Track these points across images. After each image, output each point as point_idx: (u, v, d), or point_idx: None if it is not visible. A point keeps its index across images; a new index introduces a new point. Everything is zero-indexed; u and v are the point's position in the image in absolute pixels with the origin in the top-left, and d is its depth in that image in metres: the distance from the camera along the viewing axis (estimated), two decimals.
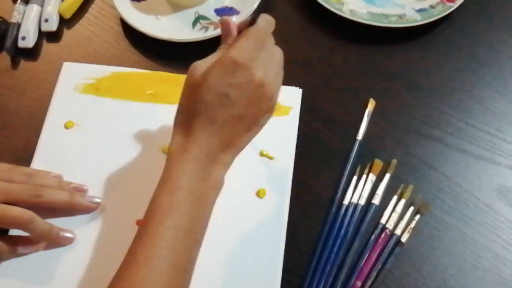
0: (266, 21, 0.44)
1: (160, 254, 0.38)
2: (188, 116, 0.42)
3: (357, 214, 0.51)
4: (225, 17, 0.45)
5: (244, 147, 0.44)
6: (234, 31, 0.45)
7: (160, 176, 0.52)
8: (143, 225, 0.40)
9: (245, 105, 0.41)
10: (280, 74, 0.45)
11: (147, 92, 0.58)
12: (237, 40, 0.43)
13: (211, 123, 0.41)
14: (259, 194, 0.52)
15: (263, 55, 0.42)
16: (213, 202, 0.42)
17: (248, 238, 0.50)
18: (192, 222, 0.40)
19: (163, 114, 0.56)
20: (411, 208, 0.52)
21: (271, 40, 0.45)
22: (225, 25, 0.45)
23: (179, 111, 0.43)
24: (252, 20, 0.43)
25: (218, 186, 0.43)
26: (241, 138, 0.43)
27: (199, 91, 0.41)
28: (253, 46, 0.42)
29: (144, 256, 0.39)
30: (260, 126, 0.44)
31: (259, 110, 0.43)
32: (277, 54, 0.45)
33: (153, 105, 0.57)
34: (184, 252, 0.40)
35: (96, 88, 0.58)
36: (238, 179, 0.52)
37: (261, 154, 0.54)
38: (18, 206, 0.45)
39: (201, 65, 0.42)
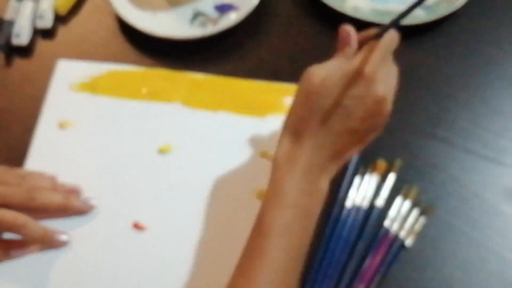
0: (392, 37, 0.43)
1: (275, 277, 0.38)
2: (300, 122, 0.42)
3: (360, 215, 0.50)
4: (346, 26, 0.44)
5: (349, 158, 0.43)
6: (355, 43, 0.44)
7: (155, 177, 0.52)
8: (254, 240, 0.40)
9: (362, 119, 0.41)
10: (394, 91, 0.44)
11: (144, 90, 0.57)
12: (362, 52, 0.42)
13: (325, 133, 0.41)
14: (260, 195, 0.51)
15: (385, 70, 0.42)
16: (318, 214, 0.42)
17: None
18: (302, 240, 0.41)
19: (161, 113, 0.56)
20: (415, 210, 0.51)
21: (391, 57, 0.44)
22: (344, 34, 0.44)
23: (290, 116, 0.43)
24: (377, 34, 0.42)
25: (323, 196, 0.42)
26: (349, 150, 0.42)
27: (315, 98, 0.41)
28: (379, 60, 0.41)
29: (260, 280, 0.38)
30: (369, 140, 0.43)
31: (372, 126, 0.42)
32: (395, 71, 0.44)
33: (149, 104, 0.56)
34: (294, 272, 0.40)
35: (91, 86, 0.57)
36: (239, 180, 0.52)
37: (262, 155, 0.53)
38: (11, 209, 0.44)
39: (319, 71, 0.41)
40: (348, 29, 0.44)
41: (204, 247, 0.49)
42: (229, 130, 0.54)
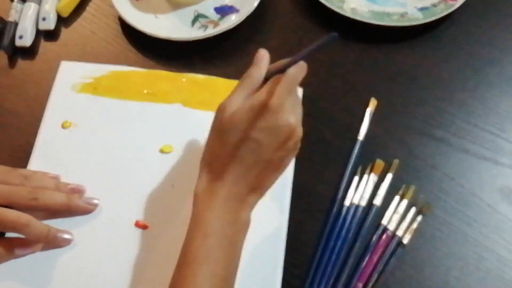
0: (299, 68, 0.44)
1: None
2: (215, 157, 0.43)
3: (358, 215, 0.51)
4: (263, 50, 0.45)
5: (270, 187, 0.44)
6: (264, 66, 0.44)
7: (157, 177, 0.52)
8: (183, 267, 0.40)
9: (274, 149, 0.42)
10: (301, 119, 0.45)
11: (145, 91, 0.57)
12: (269, 84, 0.43)
13: (240, 167, 0.42)
14: None
15: (292, 101, 0.43)
16: (242, 244, 0.43)
17: (248, 239, 0.49)
18: (227, 267, 0.41)
19: (162, 113, 0.56)
20: (413, 209, 0.51)
21: (297, 88, 0.45)
22: (259, 55, 0.45)
23: (206, 152, 0.44)
24: (283, 66, 0.43)
25: (246, 227, 0.43)
26: (268, 179, 0.43)
27: (228, 134, 0.42)
28: (285, 92, 0.42)
29: None
30: (286, 166, 0.44)
31: (286, 152, 0.43)
32: (299, 100, 0.45)
33: (151, 104, 0.57)
34: None
35: (94, 87, 0.58)
36: None
37: None
38: (15, 209, 0.45)
39: (230, 106, 0.42)
40: (264, 55, 0.44)
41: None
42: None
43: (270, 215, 0.50)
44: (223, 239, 0.41)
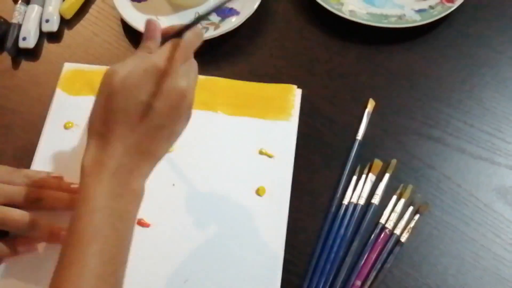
0: (195, 34, 0.43)
1: (87, 283, 0.36)
2: (104, 124, 0.40)
3: (357, 214, 0.52)
4: (151, 19, 0.44)
5: (162, 156, 0.42)
6: (158, 36, 0.43)
7: (158, 175, 0.52)
8: (65, 243, 0.38)
9: (166, 114, 0.40)
10: (195, 85, 0.44)
11: None
12: (163, 47, 0.41)
13: (131, 133, 0.39)
14: (259, 192, 0.52)
15: (185, 67, 0.42)
16: (135, 216, 0.41)
17: (247, 237, 0.50)
18: (117, 243, 0.39)
19: None
20: (411, 208, 0.52)
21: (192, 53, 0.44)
22: (150, 26, 0.43)
23: (93, 120, 0.41)
24: (180, 31, 0.42)
25: (138, 197, 0.41)
26: (160, 147, 0.42)
27: (117, 99, 0.39)
28: (180, 58, 0.41)
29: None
30: (178, 134, 0.43)
31: (178, 119, 0.42)
32: (195, 66, 0.44)
33: None
34: (111, 276, 0.38)
35: (96, 89, 0.58)
36: (238, 177, 0.53)
37: (261, 153, 0.54)
38: (19, 208, 0.45)
39: (120, 70, 0.40)
40: (154, 23, 0.43)
41: (206, 243, 0.50)
42: (229, 130, 0.56)
43: (270, 214, 0.51)
44: (112, 214, 0.38)
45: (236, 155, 0.54)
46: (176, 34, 0.43)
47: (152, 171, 0.42)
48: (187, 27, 0.42)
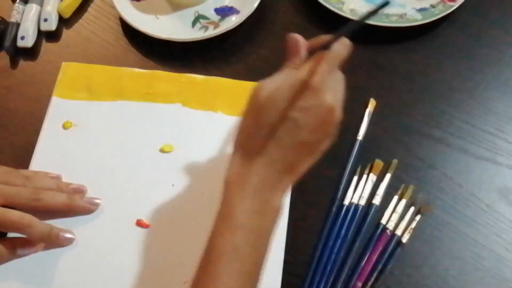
0: (343, 45, 0.42)
1: None
2: (249, 139, 0.40)
3: (358, 214, 0.51)
4: (294, 34, 0.43)
5: (303, 172, 0.41)
6: (303, 52, 0.42)
7: (157, 176, 0.53)
8: (204, 264, 0.39)
9: (312, 130, 0.39)
10: (342, 99, 0.43)
11: (146, 92, 0.58)
12: (310, 62, 0.41)
13: (276, 149, 0.39)
14: None
15: (333, 80, 0.41)
16: (273, 233, 0.40)
17: None
18: (255, 262, 0.39)
19: (162, 113, 0.56)
20: (412, 209, 0.52)
21: (339, 65, 0.43)
22: (293, 43, 0.43)
23: (239, 134, 0.41)
24: (326, 43, 0.41)
25: (277, 215, 0.41)
26: (303, 163, 0.41)
27: (264, 113, 0.39)
28: (327, 70, 0.40)
29: None
30: (322, 151, 0.42)
31: (324, 136, 0.41)
32: (342, 79, 0.43)
33: (152, 104, 0.57)
34: None
35: (95, 88, 0.58)
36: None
37: None
38: (17, 209, 0.45)
39: (267, 85, 0.40)
40: (297, 38, 0.43)
41: (205, 243, 0.49)
42: (229, 129, 0.55)
43: None
44: (253, 232, 0.38)
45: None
46: (323, 46, 0.41)
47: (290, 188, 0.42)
48: (335, 38, 0.41)
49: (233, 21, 0.61)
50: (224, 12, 0.63)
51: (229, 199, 0.39)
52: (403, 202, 0.52)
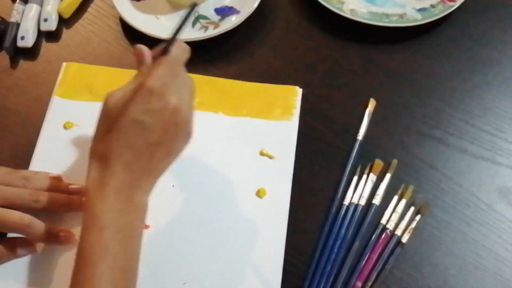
0: (181, 50, 0.44)
1: None
2: (102, 145, 0.42)
3: (358, 214, 0.51)
4: (139, 46, 0.45)
5: (163, 172, 0.43)
6: (148, 59, 0.44)
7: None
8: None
9: (161, 130, 0.41)
10: (193, 101, 0.44)
11: None
12: (151, 68, 0.43)
13: (128, 151, 0.41)
14: (259, 193, 0.52)
15: (176, 82, 0.42)
16: (141, 230, 0.42)
17: (248, 238, 0.50)
18: (126, 258, 0.40)
19: None
20: (412, 208, 0.52)
21: (183, 68, 0.45)
22: (138, 53, 0.45)
23: (94, 141, 0.43)
24: (164, 49, 0.44)
25: (142, 212, 0.42)
26: (161, 163, 0.43)
27: (114, 120, 0.41)
28: (167, 73, 0.42)
29: None
30: (179, 151, 0.44)
31: (175, 135, 0.43)
32: (189, 82, 0.45)
33: None
34: None
35: (95, 88, 0.58)
36: (238, 179, 0.53)
37: (261, 154, 0.54)
38: (16, 210, 0.45)
39: (116, 94, 0.42)
40: (141, 47, 0.45)
41: (206, 245, 0.50)
42: (230, 130, 0.55)
43: (270, 216, 0.51)
44: (119, 231, 0.40)
45: (237, 156, 0.54)
46: (162, 52, 0.44)
47: (154, 187, 0.43)
48: (169, 44, 0.43)
49: (233, 21, 0.61)
50: (224, 12, 0.63)
51: (91, 203, 0.40)
52: (403, 202, 0.52)
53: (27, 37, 0.61)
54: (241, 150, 0.54)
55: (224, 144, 0.55)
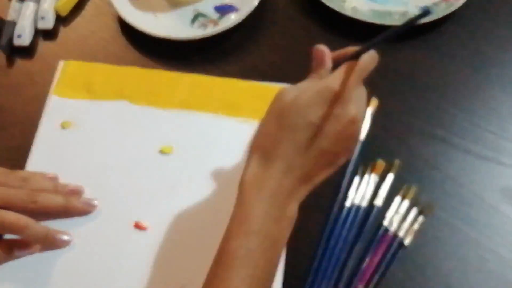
0: (371, 58, 0.42)
1: None
2: (271, 141, 0.40)
3: (359, 215, 0.51)
4: (320, 46, 0.43)
5: (319, 182, 0.41)
6: (329, 63, 0.43)
7: (157, 177, 0.52)
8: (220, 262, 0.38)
9: (334, 139, 0.39)
10: (364, 114, 0.43)
11: (145, 91, 0.57)
12: (338, 70, 0.41)
13: (296, 154, 0.39)
14: None
15: (357, 92, 0.41)
16: (285, 241, 0.40)
17: None
18: (267, 269, 0.39)
19: (162, 114, 0.56)
20: (414, 209, 0.51)
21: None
22: (318, 54, 0.43)
23: (259, 136, 0.41)
24: (355, 54, 0.41)
25: (291, 223, 0.40)
26: (319, 174, 0.41)
27: (288, 116, 0.39)
28: (354, 81, 0.40)
29: None
30: (337, 166, 0.41)
31: (343, 148, 0.41)
32: (364, 94, 0.43)
33: (152, 105, 0.56)
34: None
35: (93, 87, 0.57)
36: (238, 179, 0.52)
37: None
38: (13, 211, 0.45)
39: (291, 90, 0.40)
40: (323, 49, 0.43)
41: (205, 245, 0.49)
42: (229, 131, 0.55)
43: None
44: (267, 238, 0.38)
45: (236, 157, 0.53)
46: (351, 57, 0.42)
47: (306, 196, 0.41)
48: (362, 50, 0.41)
49: (232, 19, 0.61)
50: (223, 10, 0.62)
51: (245, 201, 0.39)
52: (406, 203, 0.51)
53: (23, 36, 0.60)
54: (241, 151, 0.54)
55: (224, 144, 0.54)
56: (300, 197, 0.41)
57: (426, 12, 0.39)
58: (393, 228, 0.50)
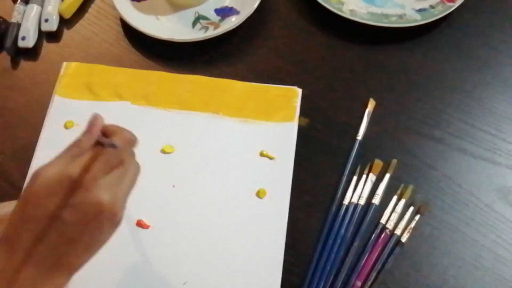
0: (126, 141, 0.41)
1: None
2: (13, 232, 0.37)
3: (357, 214, 0.51)
4: (96, 116, 0.41)
5: (82, 265, 0.38)
6: (96, 132, 0.40)
7: (158, 177, 0.52)
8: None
9: (79, 226, 0.37)
10: (130, 190, 0.40)
11: (147, 92, 0.58)
12: (84, 156, 0.39)
13: (39, 243, 0.36)
14: (259, 194, 0.52)
15: (112, 176, 0.38)
16: None
17: (248, 238, 0.50)
18: None
19: (164, 114, 0.56)
20: (411, 208, 0.52)
21: (129, 156, 0.41)
22: (92, 122, 0.41)
23: (9, 225, 0.37)
24: (107, 143, 0.40)
25: None
26: (76, 258, 0.38)
27: (30, 205, 0.36)
28: (102, 170, 0.37)
29: None
30: (103, 243, 0.39)
31: (96, 231, 0.37)
32: (132, 171, 0.41)
33: (154, 106, 0.57)
34: None
35: (96, 88, 0.58)
36: (238, 179, 0.53)
37: (261, 154, 0.54)
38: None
39: (43, 174, 0.37)
40: (97, 119, 0.41)
41: (206, 245, 0.50)
42: (230, 131, 0.55)
43: (270, 216, 0.51)
44: None
45: (237, 157, 0.54)
46: (101, 143, 0.40)
47: (69, 281, 0.38)
48: (109, 144, 0.39)
49: (233, 21, 0.61)
50: (224, 12, 0.63)
51: None
52: (403, 202, 0.52)
53: (28, 38, 0.61)
54: (242, 151, 0.54)
55: (224, 144, 0.55)
56: (59, 285, 0.38)
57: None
58: (390, 227, 0.51)
